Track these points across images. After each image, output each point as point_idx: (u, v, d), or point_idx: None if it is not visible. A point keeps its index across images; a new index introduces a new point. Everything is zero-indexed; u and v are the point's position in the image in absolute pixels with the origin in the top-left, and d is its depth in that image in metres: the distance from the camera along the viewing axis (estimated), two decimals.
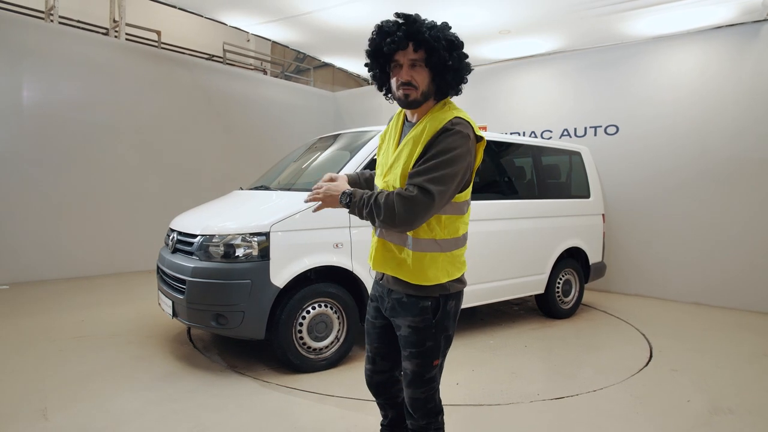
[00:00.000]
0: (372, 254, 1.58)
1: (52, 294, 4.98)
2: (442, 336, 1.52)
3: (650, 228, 5.47)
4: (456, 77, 1.45)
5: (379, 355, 1.67)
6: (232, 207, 3.52)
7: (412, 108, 1.48)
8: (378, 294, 1.64)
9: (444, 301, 1.50)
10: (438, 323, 1.49)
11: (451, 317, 1.53)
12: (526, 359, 3.45)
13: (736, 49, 5.02)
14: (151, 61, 6.60)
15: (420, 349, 1.49)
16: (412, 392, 1.53)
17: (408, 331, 1.50)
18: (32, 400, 2.55)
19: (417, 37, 1.38)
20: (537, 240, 4.21)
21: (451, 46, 1.41)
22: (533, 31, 5.57)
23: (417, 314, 1.48)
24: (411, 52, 1.40)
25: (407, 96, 1.44)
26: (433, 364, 1.50)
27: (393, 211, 1.34)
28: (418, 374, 1.50)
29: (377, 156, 1.65)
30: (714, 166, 5.08)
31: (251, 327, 2.88)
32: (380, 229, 1.53)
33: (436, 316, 1.49)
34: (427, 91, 1.44)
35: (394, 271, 1.50)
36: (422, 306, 1.48)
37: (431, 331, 1.49)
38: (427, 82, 1.43)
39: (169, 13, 7.07)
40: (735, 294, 4.94)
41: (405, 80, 1.42)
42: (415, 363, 1.50)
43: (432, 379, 1.52)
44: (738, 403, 2.72)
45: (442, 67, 1.40)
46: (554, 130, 6.19)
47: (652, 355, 3.53)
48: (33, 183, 5.54)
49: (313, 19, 5.49)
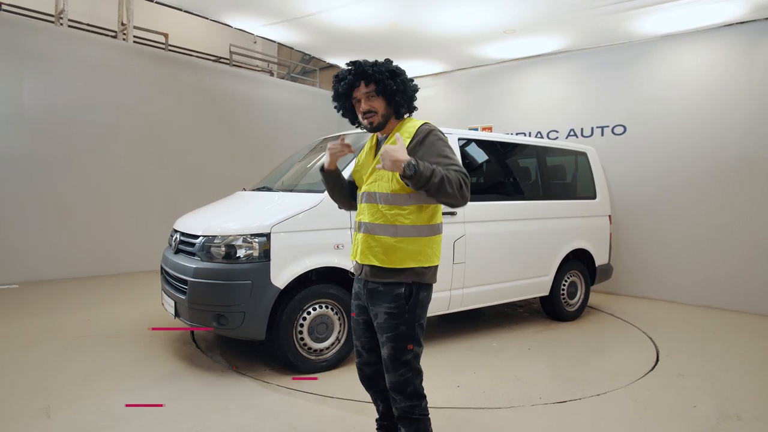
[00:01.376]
0: (356, 250, 1.78)
1: (57, 294, 5.04)
2: (416, 324, 1.71)
3: (658, 229, 5.39)
4: (404, 97, 1.76)
5: (365, 348, 1.86)
6: (234, 208, 3.54)
7: (379, 130, 1.80)
8: (356, 291, 1.84)
9: (416, 289, 1.70)
10: (410, 310, 1.69)
11: (422, 307, 1.73)
12: (529, 362, 3.41)
13: (745, 48, 4.93)
14: (159, 64, 6.67)
15: (392, 333, 1.68)
16: (391, 376, 1.71)
17: (384, 317, 1.70)
18: (35, 399, 2.58)
19: (364, 75, 1.72)
20: (542, 241, 4.16)
21: (393, 74, 1.73)
22: (538, 30, 5.52)
23: (391, 301, 1.68)
24: (363, 87, 1.74)
25: (371, 123, 1.76)
26: (407, 348, 1.68)
27: (462, 186, 1.57)
28: (394, 357, 1.69)
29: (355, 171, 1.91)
30: (723, 166, 4.99)
31: (252, 327, 2.89)
32: (365, 226, 1.73)
33: (408, 302, 1.69)
34: (386, 113, 1.76)
35: (379, 260, 1.69)
36: (396, 293, 1.68)
37: (404, 317, 1.68)
38: (383, 106, 1.75)
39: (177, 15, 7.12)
40: (744, 297, 4.84)
41: (365, 109, 1.75)
42: (390, 347, 1.69)
43: (407, 362, 1.69)
44: (746, 409, 2.66)
45: (390, 92, 1.72)
46: (560, 131, 6.13)
47: (658, 358, 3.47)
48: (39, 184, 5.62)
49: (318, 20, 5.49)
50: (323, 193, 3.14)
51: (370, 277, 1.73)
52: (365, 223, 1.74)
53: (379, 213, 1.69)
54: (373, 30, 5.64)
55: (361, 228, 1.76)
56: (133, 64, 6.37)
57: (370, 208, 1.73)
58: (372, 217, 1.71)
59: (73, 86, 5.82)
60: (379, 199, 1.70)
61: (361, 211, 1.77)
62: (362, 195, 1.78)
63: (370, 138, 1.91)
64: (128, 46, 6.68)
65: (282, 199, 3.40)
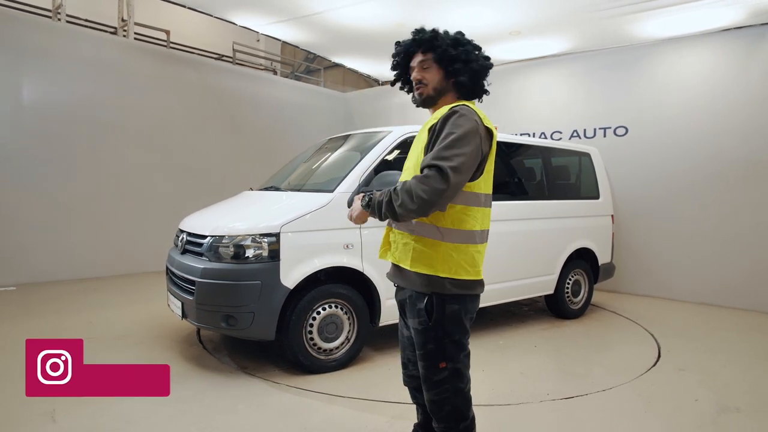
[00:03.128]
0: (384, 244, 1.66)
1: (61, 295, 4.98)
2: (447, 340, 1.50)
3: (659, 229, 5.44)
4: (466, 69, 1.52)
5: (410, 361, 1.73)
6: (241, 208, 3.53)
7: (428, 105, 1.62)
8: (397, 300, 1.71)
9: (439, 301, 1.48)
10: (436, 325, 1.48)
11: (453, 322, 1.49)
12: (536, 359, 3.45)
13: (744, 52, 4.98)
14: (160, 61, 6.60)
15: (422, 351, 1.53)
16: (425, 394, 1.57)
17: (412, 332, 1.58)
18: (40, 403, 2.52)
19: (422, 42, 1.57)
20: (547, 241, 4.20)
21: (455, 42, 1.55)
22: (543, 32, 5.55)
23: (415, 315, 1.54)
24: (420, 56, 1.58)
25: (421, 94, 1.59)
26: (439, 367, 1.50)
27: (410, 193, 1.37)
28: (426, 377, 1.54)
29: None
30: (723, 168, 5.04)
31: (261, 328, 2.89)
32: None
33: (431, 318, 1.48)
34: (439, 87, 1.56)
35: (397, 258, 1.57)
36: (419, 308, 1.52)
37: (430, 334, 1.50)
38: (438, 78, 1.56)
39: (178, 12, 7.09)
40: (743, 295, 4.91)
41: (416, 79, 1.59)
42: (421, 365, 1.55)
43: (441, 382, 1.51)
44: (745, 402, 2.71)
45: (448, 60, 1.52)
46: (564, 131, 6.16)
47: (660, 354, 3.52)
48: (41, 183, 5.53)
49: (324, 19, 5.49)
50: (332, 192, 3.15)
51: (392, 276, 1.66)
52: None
53: None
54: (379, 30, 5.65)
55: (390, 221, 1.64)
56: (135, 61, 6.30)
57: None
58: None
59: (73, 83, 5.73)
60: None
61: None
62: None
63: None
64: (129, 42, 6.62)
65: (290, 198, 3.41)
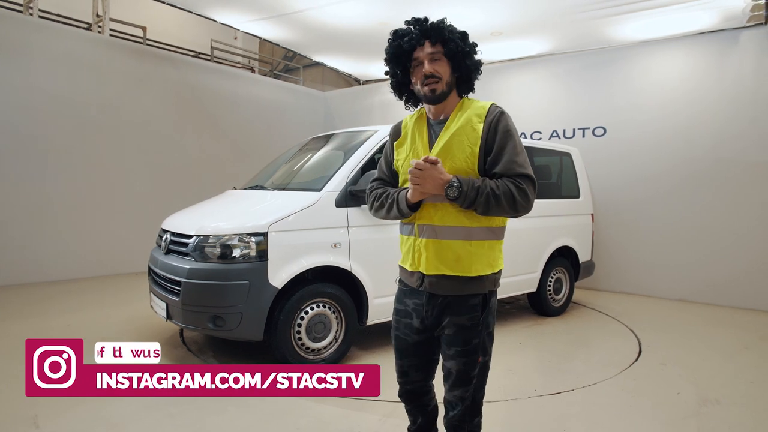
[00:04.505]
0: (419, 258, 1.50)
1: (37, 298, 4.82)
2: (486, 333, 1.54)
3: (637, 227, 5.60)
4: (474, 64, 1.53)
5: (413, 368, 1.64)
6: (227, 207, 3.48)
7: (439, 102, 1.50)
8: (409, 307, 1.58)
9: (489, 297, 1.53)
10: (484, 320, 1.51)
11: (493, 315, 1.58)
12: (522, 356, 3.50)
13: (718, 55, 5.18)
14: (137, 58, 6.44)
15: (465, 347, 1.50)
16: (455, 392, 1.53)
17: (454, 330, 1.50)
18: (22, 408, 2.46)
19: (432, 32, 1.47)
20: (530, 239, 4.27)
21: (464, 36, 1.51)
22: (524, 33, 5.66)
23: (466, 312, 1.49)
24: (429, 47, 1.47)
25: (434, 91, 1.47)
26: (477, 362, 1.52)
27: (514, 200, 1.39)
28: (463, 372, 1.51)
29: (396, 161, 1.62)
30: (698, 168, 5.23)
31: (249, 328, 2.85)
32: (431, 229, 1.47)
33: (483, 312, 1.50)
34: (450, 82, 1.50)
35: (451, 268, 1.46)
36: (471, 304, 1.49)
37: (478, 329, 1.50)
38: (449, 73, 1.49)
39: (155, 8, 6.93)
40: (720, 292, 5.09)
41: (429, 72, 1.46)
42: (460, 362, 1.50)
43: (475, 377, 1.53)
44: (725, 395, 2.82)
45: (460, 55, 1.48)
46: (544, 131, 6.29)
47: (641, 350, 3.62)
48: (13, 182, 5.34)
49: (306, 17, 5.46)
50: (320, 191, 3.13)
51: (438, 289, 1.49)
52: (430, 226, 1.46)
53: (448, 213, 1.44)
54: (362, 29, 5.65)
55: (423, 232, 1.48)
56: (111, 58, 6.14)
57: (434, 207, 1.45)
58: (440, 219, 1.45)
59: (47, 80, 5.55)
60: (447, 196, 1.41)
61: (422, 212, 1.48)
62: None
63: (411, 121, 1.59)
64: (104, 39, 6.43)
65: (277, 197, 3.37)
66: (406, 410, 1.78)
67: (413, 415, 1.77)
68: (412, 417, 1.78)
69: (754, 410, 2.66)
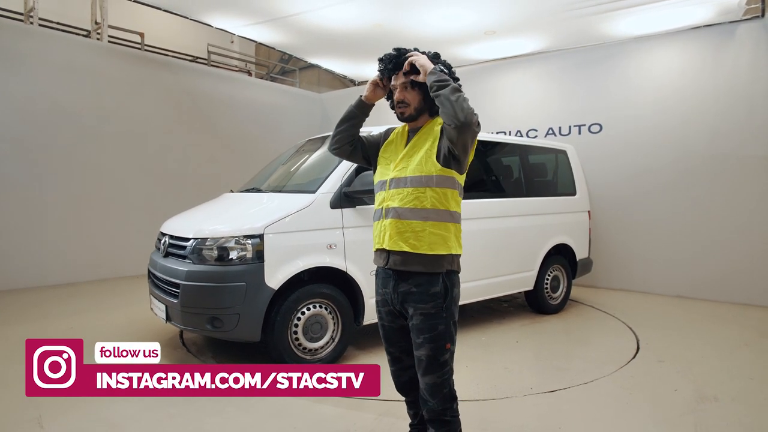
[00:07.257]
0: (384, 236, 1.70)
1: (36, 302, 4.86)
2: (452, 322, 1.68)
3: (634, 223, 5.60)
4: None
5: (405, 352, 1.80)
6: (224, 210, 3.51)
7: (409, 122, 1.78)
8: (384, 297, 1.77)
9: (450, 285, 1.67)
10: (446, 308, 1.66)
11: (456, 304, 1.71)
12: (518, 354, 3.51)
13: (714, 49, 5.17)
14: (135, 64, 6.50)
15: (431, 334, 1.64)
16: (429, 378, 1.66)
17: (420, 319, 1.65)
18: (26, 409, 2.50)
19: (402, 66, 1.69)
20: (526, 237, 4.28)
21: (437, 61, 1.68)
22: (518, 31, 5.67)
23: (428, 301, 1.65)
24: (401, 77, 1.70)
25: (402, 114, 1.74)
26: (445, 348, 1.65)
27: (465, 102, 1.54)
28: (433, 358, 1.64)
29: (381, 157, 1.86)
30: (694, 164, 5.22)
31: (247, 329, 2.88)
32: (394, 211, 1.68)
33: (445, 301, 1.66)
34: (419, 107, 1.72)
35: (411, 246, 1.64)
36: (433, 291, 1.65)
37: (442, 316, 1.65)
38: (418, 99, 1.71)
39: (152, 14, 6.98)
40: (717, 288, 5.08)
41: (398, 99, 1.72)
42: (429, 348, 1.64)
43: (445, 363, 1.66)
44: (723, 391, 2.82)
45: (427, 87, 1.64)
46: (539, 129, 6.30)
47: (639, 347, 3.63)
48: (14, 188, 5.39)
49: (301, 20, 5.48)
50: (314, 193, 3.16)
51: (400, 265, 1.66)
52: (394, 208, 1.67)
53: (409, 197, 1.65)
54: (357, 31, 5.68)
55: (388, 214, 1.69)
56: (110, 64, 6.19)
57: (398, 193, 1.68)
58: (401, 202, 1.66)
59: (47, 87, 5.61)
60: (409, 183, 1.66)
61: (388, 198, 1.71)
62: (389, 181, 1.72)
63: (402, 126, 1.87)
64: (103, 45, 6.49)
65: (272, 200, 3.40)
66: (407, 404, 1.88)
67: (413, 407, 1.87)
68: (412, 411, 1.88)
69: (753, 407, 2.66)
